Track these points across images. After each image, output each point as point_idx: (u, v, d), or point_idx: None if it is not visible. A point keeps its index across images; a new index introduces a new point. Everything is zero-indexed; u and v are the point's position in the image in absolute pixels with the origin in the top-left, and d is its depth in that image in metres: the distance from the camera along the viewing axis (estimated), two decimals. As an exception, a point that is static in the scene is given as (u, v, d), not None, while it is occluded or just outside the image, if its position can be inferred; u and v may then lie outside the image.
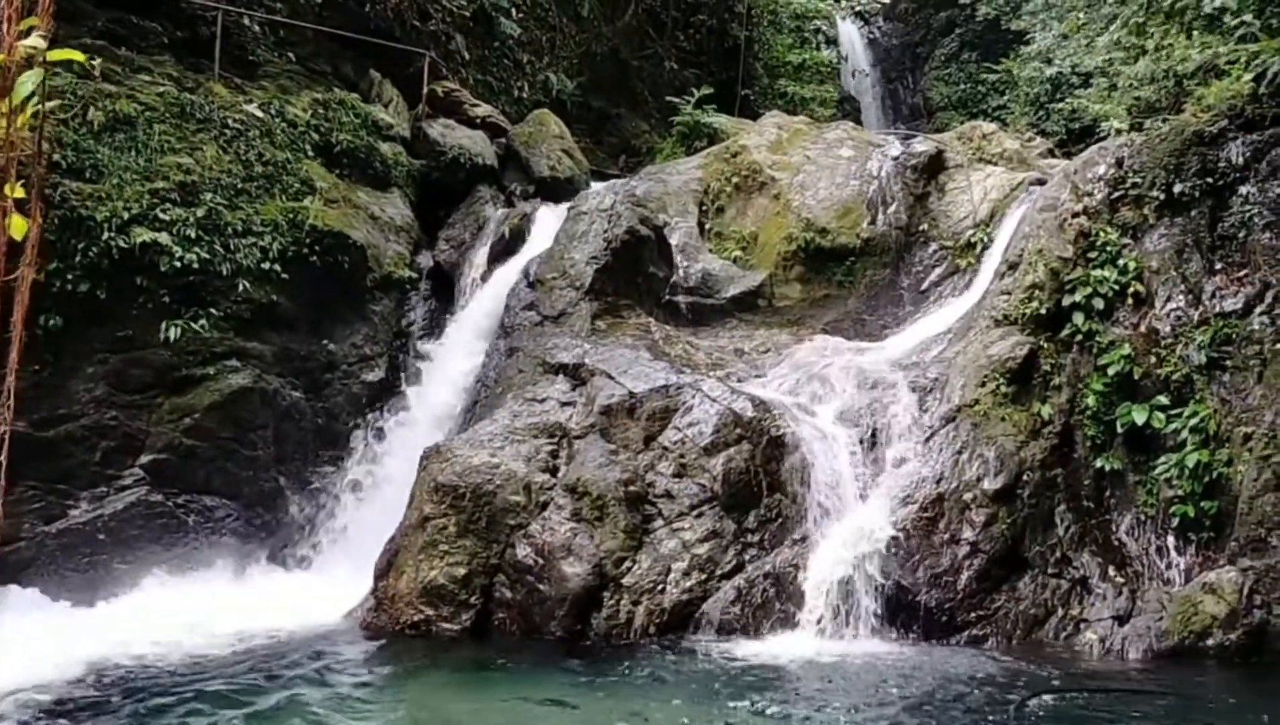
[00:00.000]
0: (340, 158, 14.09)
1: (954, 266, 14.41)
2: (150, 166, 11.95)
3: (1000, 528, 10.77)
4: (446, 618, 10.22)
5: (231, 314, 12.14)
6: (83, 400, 11.25)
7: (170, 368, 11.72)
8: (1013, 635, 10.40)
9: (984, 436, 11.21)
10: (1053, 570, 10.81)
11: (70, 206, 11.05)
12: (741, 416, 11.19)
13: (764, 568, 10.53)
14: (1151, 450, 11.17)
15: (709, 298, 14.64)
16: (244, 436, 12.17)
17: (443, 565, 10.36)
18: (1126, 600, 10.61)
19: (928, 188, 15.19)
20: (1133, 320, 11.66)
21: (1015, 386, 11.51)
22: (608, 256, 13.47)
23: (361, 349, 13.57)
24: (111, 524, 11.22)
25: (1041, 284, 12.01)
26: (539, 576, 10.28)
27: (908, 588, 10.43)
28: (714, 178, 16.12)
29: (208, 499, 11.90)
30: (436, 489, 10.64)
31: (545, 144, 16.79)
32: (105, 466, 11.33)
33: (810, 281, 14.80)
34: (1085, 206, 12.26)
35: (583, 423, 11.48)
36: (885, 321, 14.28)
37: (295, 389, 12.77)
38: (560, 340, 12.69)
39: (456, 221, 15.38)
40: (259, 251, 12.37)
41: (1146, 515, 11.03)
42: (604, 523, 10.53)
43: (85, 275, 11.08)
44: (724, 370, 12.70)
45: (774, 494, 10.96)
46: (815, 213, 15.07)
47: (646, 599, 10.29)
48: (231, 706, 7.85)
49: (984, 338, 12.03)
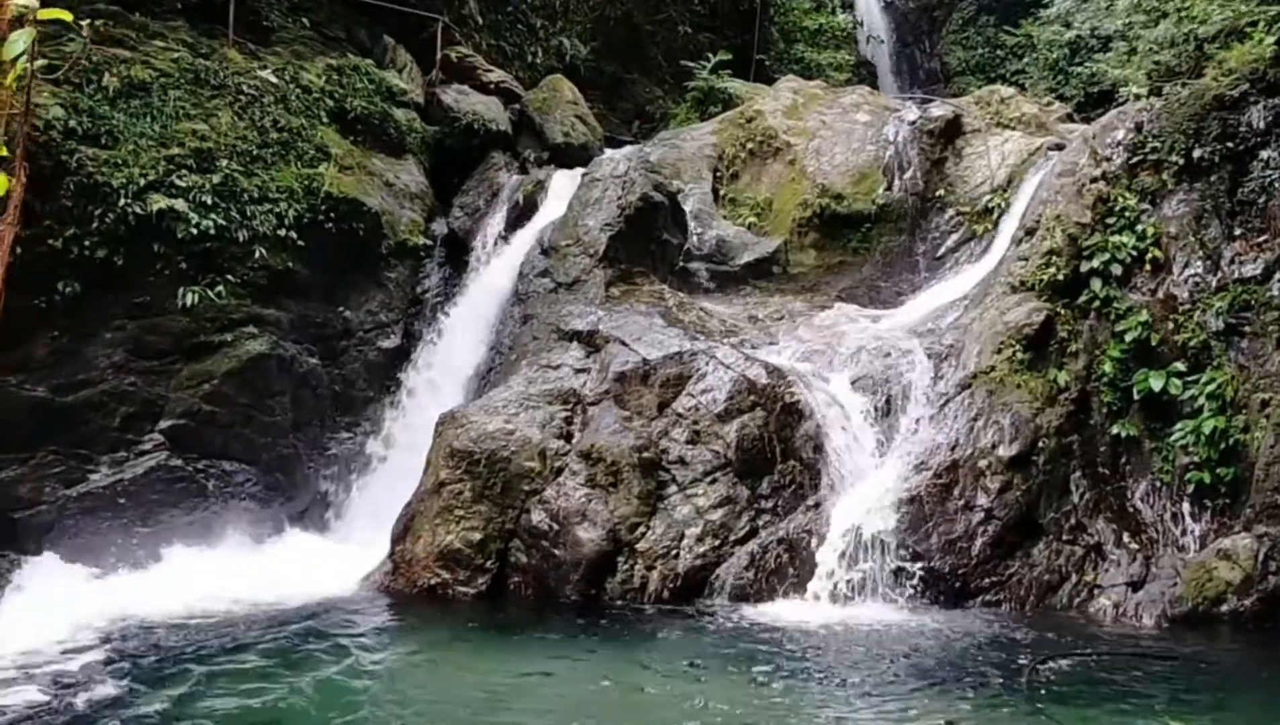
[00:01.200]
0: (355, 124, 14.07)
1: (970, 232, 14.33)
2: (166, 133, 11.96)
3: (1015, 494, 10.77)
4: (463, 581, 10.31)
5: (248, 281, 12.18)
6: (101, 366, 11.33)
7: (188, 334, 11.78)
8: (1026, 601, 10.43)
9: (999, 403, 11.19)
10: (1067, 537, 10.81)
11: (86, 173, 11.07)
12: (755, 383, 11.20)
13: (777, 534, 10.57)
14: (1168, 417, 11.13)
15: (723, 265, 14.61)
16: (262, 403, 12.24)
17: (459, 530, 10.45)
18: (1141, 566, 10.62)
19: (944, 153, 15.08)
20: (1150, 286, 11.59)
21: (1031, 353, 11.47)
22: (621, 223, 13.45)
23: (377, 316, 13.62)
24: (132, 488, 11.33)
25: (1059, 250, 11.93)
26: (554, 541, 10.35)
27: (921, 554, 10.46)
28: (729, 143, 16.04)
29: (226, 464, 12.00)
30: (452, 455, 10.71)
31: (559, 110, 16.71)
32: (125, 432, 11.44)
33: (825, 248, 14.75)
34: (1104, 172, 12.16)
35: (597, 389, 11.51)
36: (901, 288, 14.23)
37: (312, 356, 12.83)
38: (574, 307, 12.71)
39: (470, 188, 15.36)
40: (275, 218, 12.39)
41: (1162, 482, 11.01)
42: (618, 489, 10.58)
43: (102, 242, 11.12)
44: (738, 337, 12.69)
45: (788, 461, 10.99)
46: (831, 179, 14.99)
47: (660, 564, 10.35)
48: (249, 667, 7.95)
49: (1000, 304, 11.98)
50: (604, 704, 7.50)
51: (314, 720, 6.93)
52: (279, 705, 7.13)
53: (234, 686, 7.58)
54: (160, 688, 7.45)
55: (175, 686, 7.53)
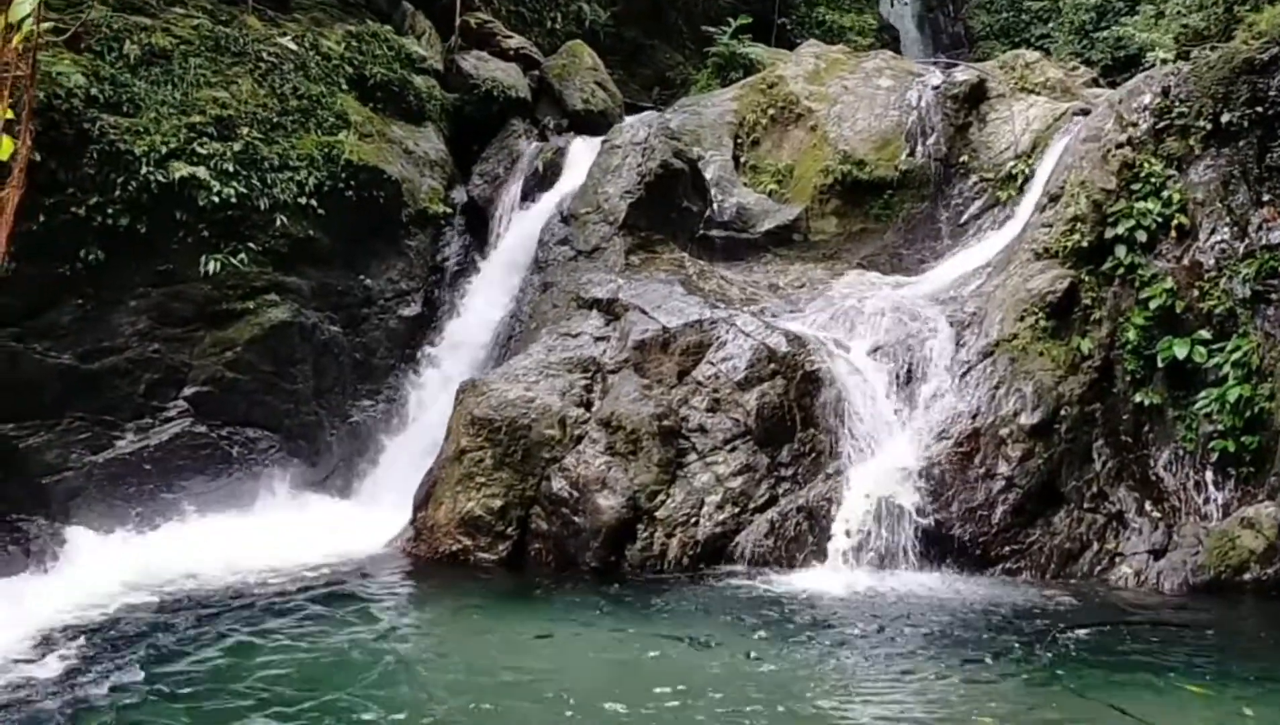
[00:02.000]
0: (374, 91, 14.05)
1: (994, 199, 14.19)
2: (187, 100, 11.98)
3: (1036, 463, 10.73)
4: (484, 548, 10.39)
5: (270, 249, 12.23)
6: (126, 333, 11.42)
7: (211, 302, 11.86)
8: (1047, 569, 10.42)
9: (1022, 371, 11.13)
10: (1089, 505, 10.78)
11: (109, 141, 11.12)
12: (776, 352, 11.18)
13: (797, 501, 10.59)
14: (1192, 385, 11.03)
15: (743, 232, 14.54)
16: (284, 370, 12.33)
17: (480, 497, 10.52)
18: (1163, 535, 10.58)
19: (968, 118, 14.91)
20: (1176, 253, 11.46)
21: (1055, 321, 11.39)
22: (641, 191, 13.40)
23: (398, 284, 13.65)
24: (157, 455, 11.45)
25: (1083, 216, 11.81)
26: (574, 509, 10.41)
27: (941, 522, 10.46)
28: (749, 110, 15.92)
29: (250, 431, 12.11)
30: (473, 422, 10.76)
31: (578, 76, 16.62)
32: (149, 398, 11.55)
33: (847, 215, 14.65)
34: (1130, 137, 12.00)
35: (616, 357, 11.52)
36: (923, 255, 14.14)
37: (333, 324, 12.89)
38: (594, 275, 12.69)
39: (490, 156, 15.33)
40: (295, 186, 12.41)
41: (1185, 450, 10.94)
42: (638, 456, 10.61)
43: (125, 209, 11.18)
44: (758, 305, 12.66)
45: (808, 429, 10.98)
46: (853, 145, 14.87)
47: (680, 531, 10.40)
48: (273, 630, 8.06)
49: (1024, 271, 11.88)
50: (620, 667, 7.56)
51: (341, 678, 7.02)
52: (306, 664, 7.24)
53: (262, 647, 7.69)
54: (187, 651, 7.56)
55: (203, 649, 7.64)
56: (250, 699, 6.65)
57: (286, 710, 6.46)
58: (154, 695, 6.65)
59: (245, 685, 6.86)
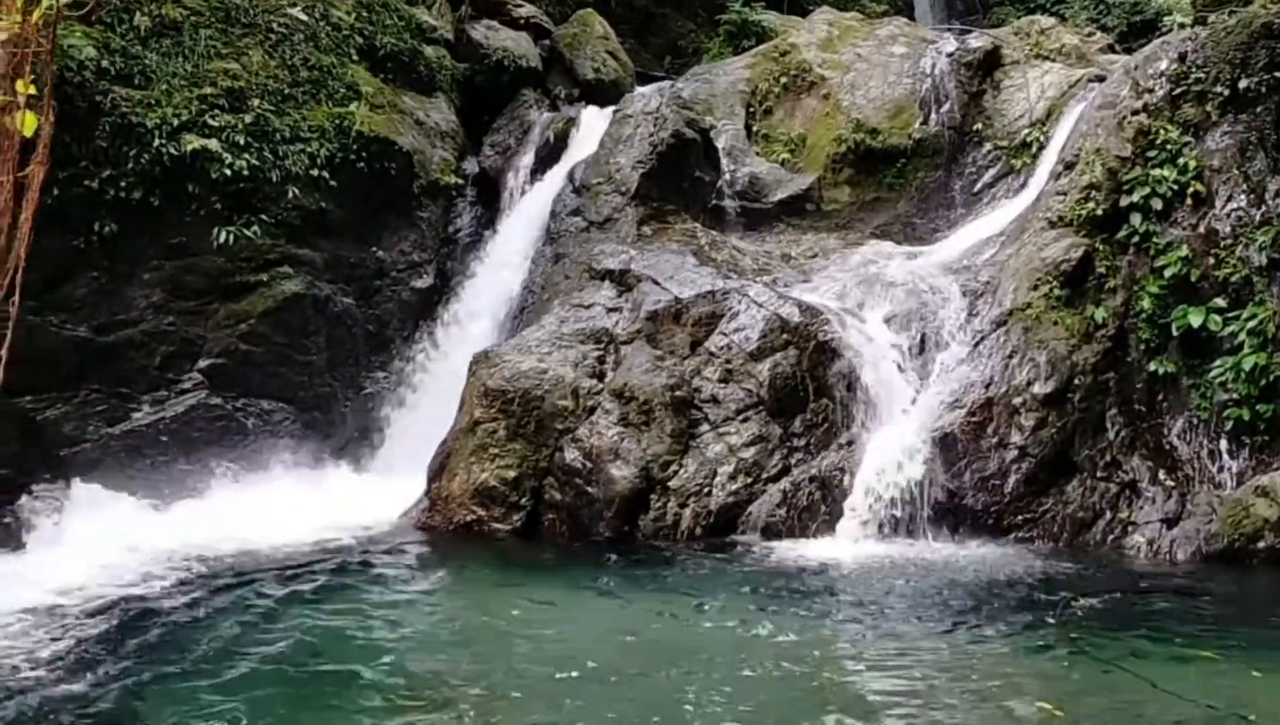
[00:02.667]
0: (385, 62, 13.99)
1: (1008, 167, 14.10)
2: (198, 72, 11.96)
3: (1050, 432, 10.72)
4: (498, 518, 10.46)
5: (282, 221, 12.24)
6: (140, 306, 11.48)
7: (224, 274, 11.89)
8: (1059, 538, 10.44)
9: (1035, 340, 11.10)
10: (1102, 474, 10.77)
11: (120, 113, 11.12)
12: (788, 322, 11.17)
13: (810, 471, 10.61)
14: (1207, 353, 10.98)
15: (756, 202, 14.49)
16: (298, 342, 12.37)
17: (493, 468, 10.58)
18: (1176, 503, 10.57)
19: (983, 86, 14.79)
20: (1191, 221, 11.38)
21: (1069, 289, 11.34)
22: (653, 161, 13.35)
23: (410, 256, 13.65)
24: (173, 426, 11.54)
25: (1098, 184, 11.72)
26: (587, 479, 10.46)
27: (954, 491, 10.47)
28: (762, 78, 15.81)
29: (265, 403, 12.17)
30: (486, 394, 10.80)
31: (589, 45, 16.52)
32: (165, 371, 11.62)
33: (860, 184, 14.57)
34: (1145, 104, 11.89)
35: (629, 328, 11.53)
36: (936, 224, 14.07)
37: (346, 296, 12.91)
38: (606, 246, 12.67)
39: (501, 126, 15.27)
40: (307, 158, 12.41)
41: (1199, 419, 10.91)
42: (650, 427, 10.64)
43: (138, 182, 11.20)
44: (771, 275, 12.64)
45: (820, 399, 10.99)
46: (866, 113, 14.77)
47: (693, 501, 10.44)
48: (289, 601, 8.14)
49: (1038, 240, 11.82)
50: (631, 635, 7.62)
51: (355, 648, 7.09)
52: (321, 635, 7.30)
53: (277, 617, 7.77)
54: (203, 621, 7.64)
55: (222, 617, 7.73)
56: (266, 669, 6.72)
57: (302, 680, 6.54)
58: (169, 667, 6.72)
59: (260, 656, 6.92)
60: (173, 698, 6.21)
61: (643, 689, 6.47)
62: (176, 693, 6.30)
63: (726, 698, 6.33)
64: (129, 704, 6.12)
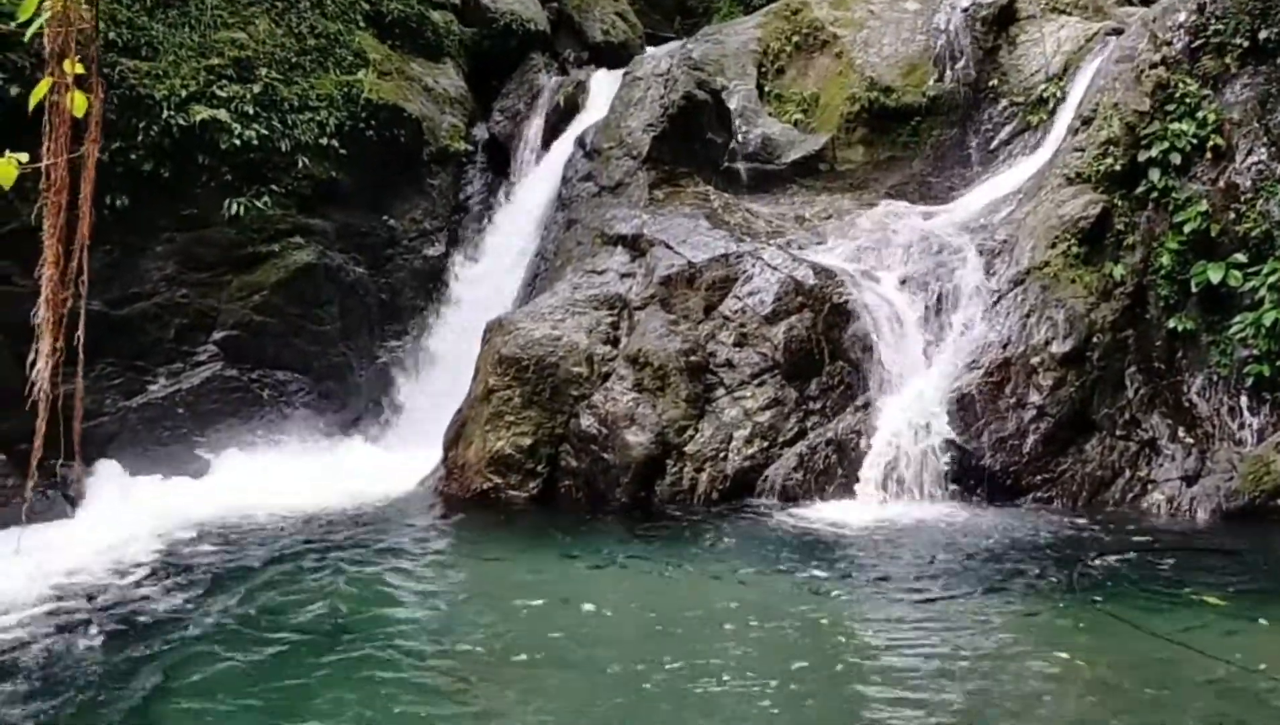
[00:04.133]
0: (392, 28, 13.87)
1: (1025, 124, 13.90)
2: (205, 42, 11.89)
3: (1068, 391, 10.65)
4: (514, 486, 10.47)
5: (293, 191, 12.21)
6: (154, 279, 11.49)
7: (236, 245, 11.88)
8: (1078, 497, 10.40)
9: (1053, 299, 11.00)
10: (1121, 432, 10.71)
11: (129, 85, 11.07)
12: (803, 284, 11.09)
13: (826, 434, 10.58)
14: (1226, 310, 10.87)
15: (769, 163, 14.34)
16: (311, 312, 12.38)
17: (509, 436, 10.57)
18: (1196, 461, 10.50)
19: (998, 41, 14.55)
20: (1211, 175, 11.22)
21: (1087, 247, 11.22)
22: (665, 123, 13.23)
23: (421, 224, 13.61)
24: (189, 398, 11.58)
25: (1116, 139, 11.56)
26: (603, 445, 10.45)
27: (972, 452, 10.43)
28: (774, 37, 15.61)
29: (279, 373, 12.20)
30: (500, 362, 10.78)
31: (598, 7, 16.35)
32: (180, 343, 11.64)
33: (874, 143, 14.40)
34: (1164, 56, 11.69)
35: (642, 294, 11.47)
36: (952, 183, 13.91)
37: (358, 265, 12.90)
38: (618, 211, 12.59)
39: (510, 92, 15.16)
40: (316, 127, 12.35)
41: (1219, 376, 10.81)
42: (665, 392, 10.61)
43: (148, 154, 11.17)
44: (784, 238, 12.53)
45: (836, 362, 10.93)
46: (879, 71, 14.57)
47: (709, 466, 10.43)
48: (309, 568, 8.18)
49: (1055, 197, 11.68)
50: (652, 599, 7.63)
51: (374, 616, 7.12)
52: (340, 603, 7.33)
53: (299, 582, 7.83)
54: (228, 586, 7.70)
55: (242, 584, 7.79)
56: (292, 637, 6.77)
57: (327, 646, 6.57)
58: (191, 638, 6.77)
59: (285, 624, 6.98)
60: (196, 661, 6.26)
61: (669, 651, 6.48)
62: (199, 656, 6.35)
63: (753, 661, 6.35)
64: (157, 668, 6.17)
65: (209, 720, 5.59)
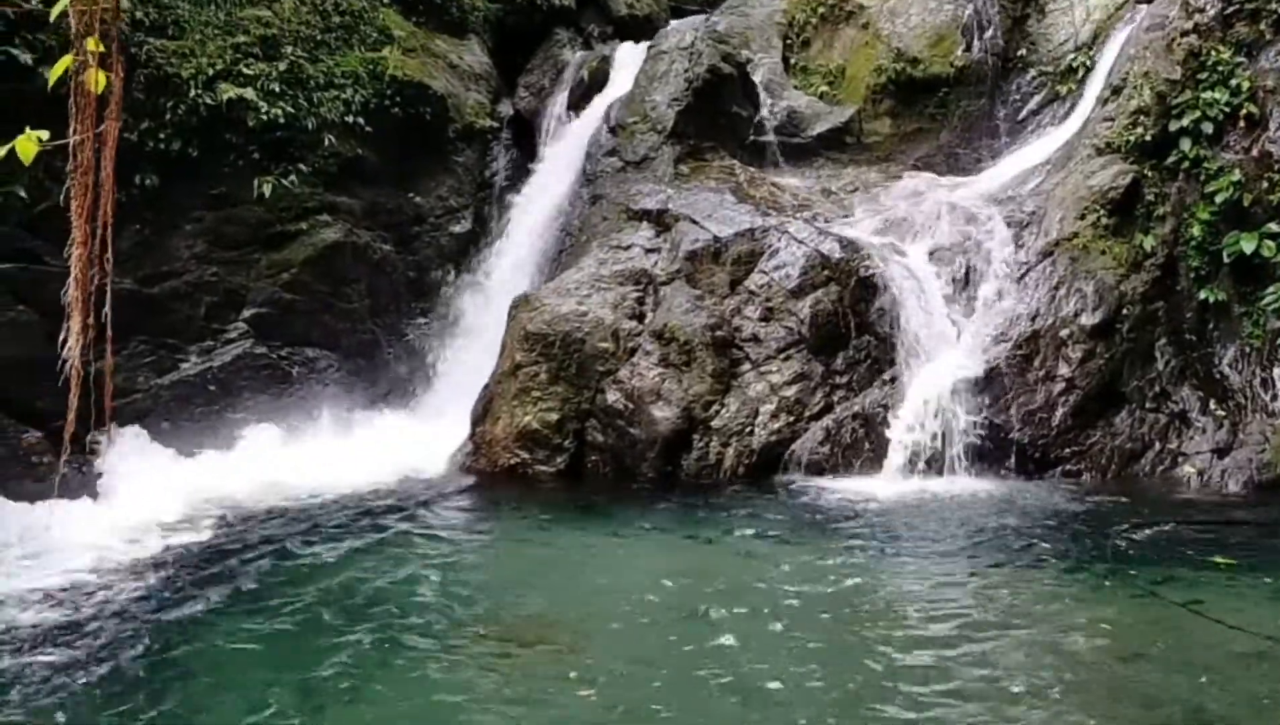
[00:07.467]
0: (416, 4, 13.86)
1: (1053, 94, 13.75)
2: (230, 21, 11.92)
3: (1097, 363, 10.57)
4: (542, 461, 10.53)
5: (319, 169, 12.25)
6: (184, 257, 11.58)
7: (264, 224, 11.96)
8: (1108, 471, 10.34)
9: (1083, 271, 10.91)
10: (1151, 405, 10.63)
11: (156, 65, 11.13)
12: (829, 258, 11.05)
13: (852, 408, 10.56)
14: (1259, 280, 10.74)
15: (794, 136, 14.25)
16: (339, 290, 12.45)
17: (536, 411, 10.63)
18: (1227, 433, 10.41)
19: (1026, 10, 14.37)
20: (1244, 144, 11.06)
21: (1116, 218, 11.10)
22: (689, 97, 13.17)
23: (447, 201, 13.64)
24: (220, 376, 11.70)
25: (1147, 109, 11.41)
26: (629, 420, 10.48)
27: (1000, 426, 10.38)
28: (799, 8, 15.46)
29: (309, 351, 12.30)
30: (526, 337, 10.82)
31: (622, -20, 16.24)
32: (210, 321, 11.75)
33: (900, 115, 14.28)
34: (1196, 24, 11.51)
35: (668, 269, 11.47)
36: (980, 155, 13.78)
37: (385, 242, 12.95)
38: (643, 186, 12.57)
39: (534, 67, 15.12)
40: (342, 104, 12.38)
41: (1251, 347, 10.70)
42: (691, 367, 10.62)
43: (176, 133, 11.24)
44: (810, 211, 12.48)
45: (863, 335, 10.90)
46: (906, 41, 14.42)
47: (735, 441, 10.44)
48: (340, 540, 8.29)
49: (1085, 168, 11.56)
50: (684, 573, 7.66)
51: (405, 591, 7.20)
52: (371, 577, 7.42)
53: (329, 554, 7.93)
54: (254, 568, 7.77)
55: (271, 555, 7.90)
56: (318, 609, 6.85)
57: (364, 618, 6.65)
58: (220, 609, 6.87)
59: (311, 597, 7.06)
60: (226, 632, 6.37)
61: (705, 622, 6.52)
62: (228, 626, 6.45)
63: (784, 638, 6.36)
64: (189, 638, 6.28)
65: (241, 690, 5.67)
